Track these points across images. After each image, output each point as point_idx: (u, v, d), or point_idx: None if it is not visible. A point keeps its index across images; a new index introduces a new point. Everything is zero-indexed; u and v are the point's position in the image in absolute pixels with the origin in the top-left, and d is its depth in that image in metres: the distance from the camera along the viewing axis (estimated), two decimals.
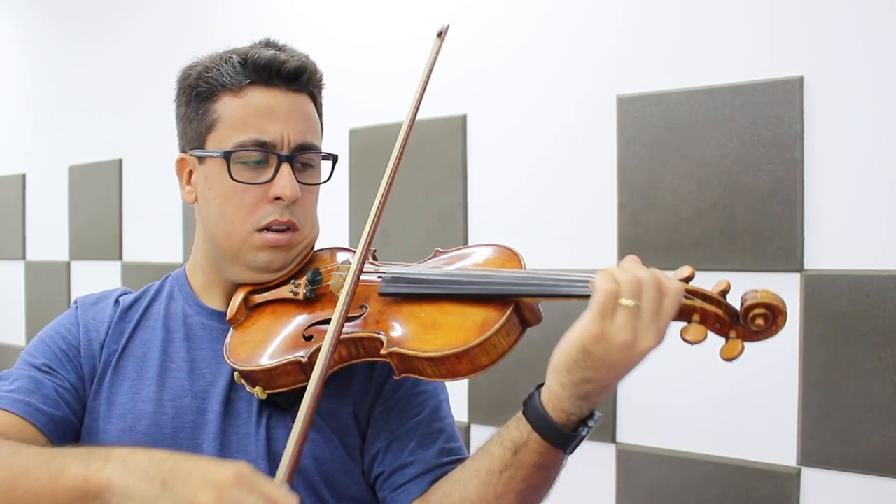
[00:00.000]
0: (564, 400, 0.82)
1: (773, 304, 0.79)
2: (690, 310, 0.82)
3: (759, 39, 1.65)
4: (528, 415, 0.84)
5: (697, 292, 0.82)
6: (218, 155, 1.00)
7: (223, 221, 1.02)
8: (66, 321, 1.09)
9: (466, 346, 0.86)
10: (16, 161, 3.51)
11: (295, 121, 1.02)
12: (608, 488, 1.83)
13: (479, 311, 0.89)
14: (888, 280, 1.51)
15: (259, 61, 1.01)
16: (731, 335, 0.82)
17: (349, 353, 0.95)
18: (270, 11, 2.52)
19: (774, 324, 0.80)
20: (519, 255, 0.97)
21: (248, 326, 1.03)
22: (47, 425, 0.97)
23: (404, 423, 1.02)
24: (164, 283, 1.15)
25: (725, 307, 0.82)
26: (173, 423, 1.01)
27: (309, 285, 1.02)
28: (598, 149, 1.85)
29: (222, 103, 1.02)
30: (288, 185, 0.99)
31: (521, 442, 0.85)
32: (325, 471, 1.00)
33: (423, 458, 0.99)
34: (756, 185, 1.64)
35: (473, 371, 0.87)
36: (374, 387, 1.04)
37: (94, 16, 3.15)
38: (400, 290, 0.96)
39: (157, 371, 1.04)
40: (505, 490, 0.87)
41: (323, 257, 1.10)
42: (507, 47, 2.02)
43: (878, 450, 1.51)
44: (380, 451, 1.01)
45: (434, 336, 0.89)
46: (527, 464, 0.85)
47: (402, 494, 0.98)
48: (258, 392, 0.97)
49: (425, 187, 2.12)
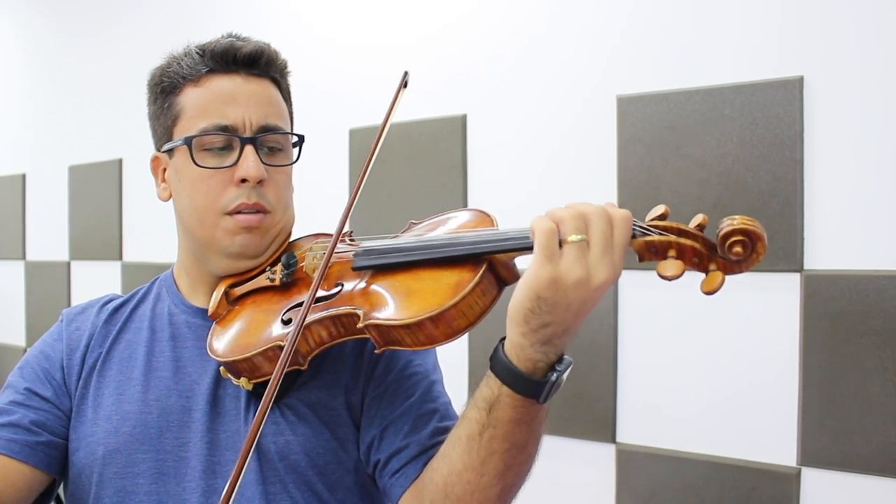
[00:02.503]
0: (527, 348, 0.79)
1: (750, 230, 0.76)
2: (666, 245, 0.79)
3: (759, 39, 1.65)
4: (495, 370, 0.82)
5: (672, 227, 0.80)
6: (181, 143, 1.01)
7: (195, 211, 1.03)
8: (49, 338, 1.10)
9: (441, 308, 0.83)
10: (16, 161, 3.51)
11: (256, 104, 1.02)
12: (608, 488, 1.83)
13: (452, 273, 0.86)
14: (888, 280, 1.51)
15: (216, 49, 1.02)
16: (711, 268, 0.79)
17: (329, 333, 0.93)
18: (269, 12, 2.52)
19: (754, 251, 0.77)
20: (491, 215, 0.95)
21: (230, 319, 1.02)
22: (22, 452, 0.99)
23: (396, 407, 1.00)
24: (152, 285, 1.16)
25: (702, 240, 0.80)
26: (159, 423, 1.00)
27: (284, 269, 1.02)
28: (598, 149, 1.85)
29: (184, 95, 1.02)
30: (252, 166, 0.99)
31: (493, 399, 0.82)
32: (317, 464, 0.99)
33: (416, 440, 0.97)
34: (756, 185, 1.64)
35: (452, 335, 0.84)
36: (364, 374, 1.03)
37: (94, 16, 3.15)
38: (372, 262, 0.94)
39: (142, 371, 1.04)
40: (488, 452, 0.84)
41: (302, 244, 1.09)
42: (508, 48, 2.02)
43: (878, 450, 1.51)
44: (374, 438, 1.00)
45: (409, 303, 0.86)
46: (504, 420, 0.82)
47: (400, 478, 0.96)
48: (244, 383, 0.96)
49: (425, 187, 2.12)
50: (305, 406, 1.00)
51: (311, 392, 1.01)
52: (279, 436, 0.99)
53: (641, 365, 1.81)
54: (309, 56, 2.33)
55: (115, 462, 0.99)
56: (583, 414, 1.86)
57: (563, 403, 1.87)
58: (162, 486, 0.98)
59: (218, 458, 0.99)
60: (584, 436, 1.86)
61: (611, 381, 1.83)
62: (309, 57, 2.32)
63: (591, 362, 1.84)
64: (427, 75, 2.14)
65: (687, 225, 0.80)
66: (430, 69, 2.13)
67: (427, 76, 2.14)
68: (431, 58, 2.14)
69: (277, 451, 0.98)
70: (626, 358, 1.83)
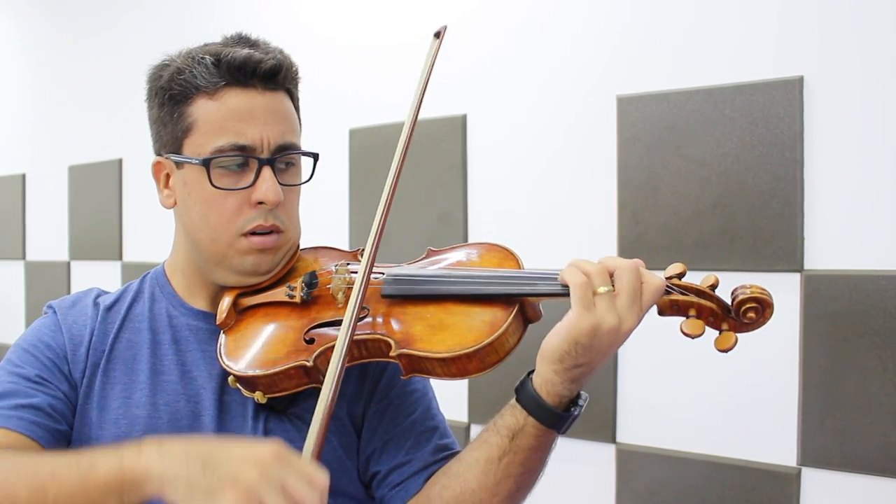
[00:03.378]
0: (558, 384, 0.87)
1: (763, 298, 0.87)
2: (687, 305, 0.88)
3: (759, 39, 1.65)
4: (522, 401, 0.89)
5: (691, 287, 0.89)
6: (197, 162, 0.98)
7: (206, 228, 1.01)
8: (47, 329, 1.05)
9: (478, 345, 0.88)
10: (16, 161, 3.51)
11: (273, 121, 0.99)
12: (608, 488, 1.83)
13: (484, 310, 0.92)
14: (888, 280, 1.51)
15: (233, 62, 0.97)
16: (724, 327, 0.89)
17: (352, 356, 0.95)
18: (269, 11, 2.52)
19: (763, 316, 0.87)
20: (515, 253, 1.00)
21: (241, 330, 1.02)
22: (44, 438, 0.96)
23: (399, 422, 1.03)
24: (142, 282, 1.13)
25: (718, 301, 0.89)
26: (169, 428, 1.00)
27: (306, 288, 1.02)
28: (598, 149, 1.85)
29: (197, 106, 0.99)
30: (270, 190, 0.98)
31: (517, 428, 0.89)
32: None
33: (419, 456, 1.01)
34: (756, 185, 1.64)
35: (483, 369, 0.90)
36: (367, 387, 1.05)
37: (95, 16, 3.15)
38: (402, 291, 0.97)
39: (148, 375, 1.03)
40: (504, 475, 0.91)
41: (306, 257, 1.09)
42: (508, 48, 2.02)
43: (878, 450, 1.51)
44: (375, 450, 1.02)
45: (443, 337, 0.91)
46: (524, 448, 0.89)
47: (401, 492, 0.99)
48: (258, 397, 0.97)
49: (425, 187, 2.12)
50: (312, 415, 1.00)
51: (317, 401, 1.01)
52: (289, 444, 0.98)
53: (641, 365, 1.81)
54: (309, 56, 2.31)
55: None
56: (583, 414, 1.86)
57: None
58: None
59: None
60: (584, 436, 1.86)
61: (611, 381, 1.83)
62: (309, 57, 2.30)
63: None
64: None
65: (702, 286, 0.89)
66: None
67: None
68: None
69: None
70: (626, 358, 1.83)
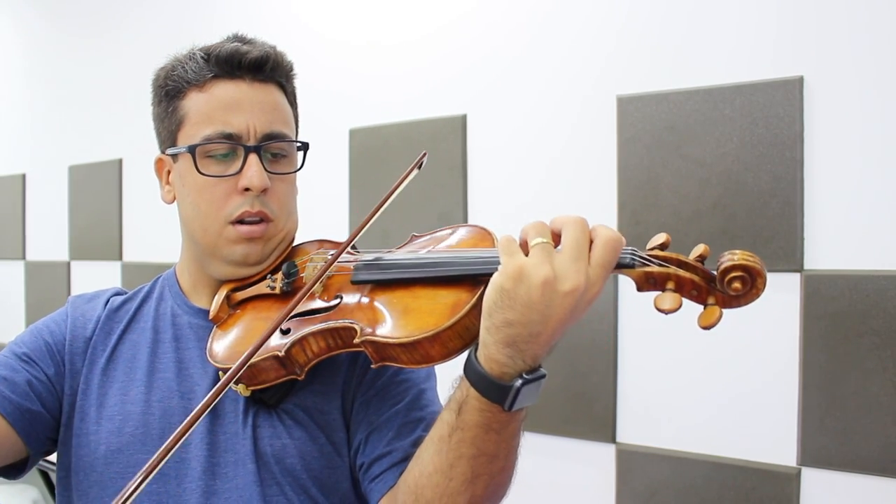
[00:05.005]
0: (490, 346, 0.77)
1: (750, 266, 0.75)
2: (665, 277, 0.78)
3: (759, 39, 1.65)
4: (465, 371, 0.81)
5: (672, 258, 0.78)
6: (185, 150, 1.01)
7: (198, 217, 1.03)
8: (57, 316, 1.10)
9: (437, 329, 0.82)
10: (16, 161, 3.51)
11: (260, 111, 1.01)
12: (608, 488, 1.83)
13: (449, 293, 0.85)
14: (888, 280, 1.51)
15: (221, 54, 1.01)
16: (709, 301, 0.78)
17: (328, 345, 0.93)
18: (269, 11, 2.52)
19: (753, 287, 0.75)
20: (492, 233, 0.94)
21: (230, 324, 1.03)
22: (13, 414, 0.97)
23: (383, 412, 1.00)
24: (154, 284, 1.16)
25: (702, 272, 0.78)
26: (161, 424, 1.00)
27: (285, 278, 1.02)
28: (598, 149, 1.85)
29: (188, 99, 1.02)
30: (255, 175, 0.99)
31: (462, 400, 0.81)
32: (312, 468, 0.99)
33: (400, 448, 0.97)
34: (756, 185, 1.64)
35: (447, 355, 0.84)
36: (356, 378, 1.04)
37: (95, 16, 3.15)
38: (372, 276, 0.94)
39: (146, 372, 1.04)
40: (456, 455, 0.83)
41: (304, 250, 1.09)
42: (508, 47, 2.02)
43: (878, 450, 1.51)
44: (360, 442, 1.00)
45: (406, 321, 0.86)
46: (471, 423, 0.81)
47: (379, 484, 0.96)
48: (241, 389, 0.97)
49: (425, 187, 2.12)
50: (301, 411, 1.00)
51: (308, 397, 1.01)
52: (276, 439, 0.99)
53: (641, 365, 1.81)
54: (309, 56, 2.32)
55: (117, 462, 0.99)
56: (583, 414, 1.86)
57: (563, 403, 1.87)
58: (162, 487, 0.98)
59: (217, 459, 0.99)
60: (584, 436, 1.86)
61: (611, 382, 1.83)
62: (309, 57, 2.31)
63: (590, 362, 1.84)
64: (427, 75, 2.14)
65: (688, 256, 0.78)
66: (430, 69, 2.13)
67: (427, 76, 2.14)
68: (431, 57, 2.14)
69: (274, 454, 0.99)
70: (626, 358, 1.83)
